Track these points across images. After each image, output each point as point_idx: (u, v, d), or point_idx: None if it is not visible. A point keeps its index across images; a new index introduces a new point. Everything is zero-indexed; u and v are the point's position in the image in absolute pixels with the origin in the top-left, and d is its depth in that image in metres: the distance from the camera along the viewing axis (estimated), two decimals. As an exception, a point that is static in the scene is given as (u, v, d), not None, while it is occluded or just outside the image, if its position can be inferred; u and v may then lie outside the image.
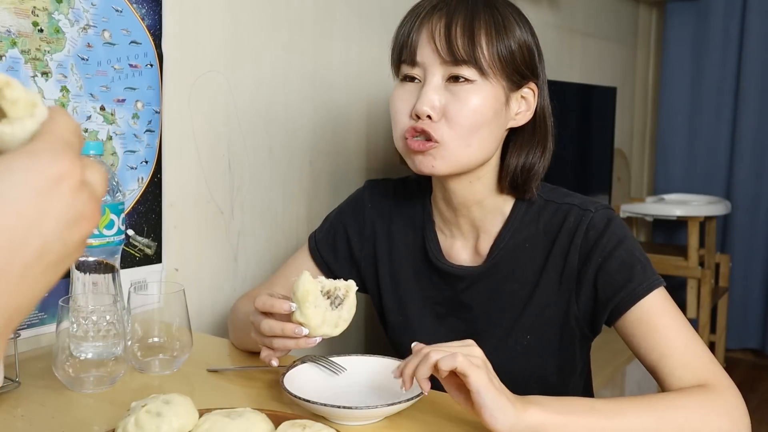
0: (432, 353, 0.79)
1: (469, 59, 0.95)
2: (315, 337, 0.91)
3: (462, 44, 0.95)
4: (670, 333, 0.94)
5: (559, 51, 2.78)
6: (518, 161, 1.04)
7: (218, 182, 1.43)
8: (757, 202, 3.44)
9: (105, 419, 0.88)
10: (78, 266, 1.06)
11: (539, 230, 1.05)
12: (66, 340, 0.94)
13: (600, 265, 0.99)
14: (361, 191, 1.23)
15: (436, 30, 0.96)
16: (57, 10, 1.12)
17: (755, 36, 3.38)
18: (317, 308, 0.89)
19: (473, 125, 0.96)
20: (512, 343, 1.06)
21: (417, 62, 0.98)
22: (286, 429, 0.76)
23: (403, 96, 1.00)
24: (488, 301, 1.08)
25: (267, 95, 1.52)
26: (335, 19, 1.67)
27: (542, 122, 1.05)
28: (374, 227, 1.18)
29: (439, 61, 0.96)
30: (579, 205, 1.04)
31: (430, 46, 0.97)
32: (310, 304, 0.89)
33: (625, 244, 1.00)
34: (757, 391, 3.24)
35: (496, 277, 1.07)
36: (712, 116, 3.55)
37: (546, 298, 1.04)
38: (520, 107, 1.02)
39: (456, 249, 1.11)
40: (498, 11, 0.98)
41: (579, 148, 2.68)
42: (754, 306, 3.49)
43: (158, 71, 1.29)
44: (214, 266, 1.44)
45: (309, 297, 0.89)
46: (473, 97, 0.96)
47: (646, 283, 0.96)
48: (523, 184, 1.05)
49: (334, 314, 0.90)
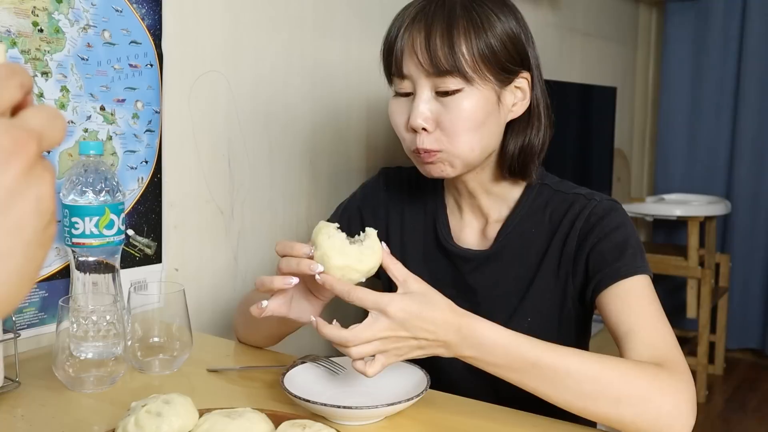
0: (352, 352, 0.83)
1: (452, 69, 0.96)
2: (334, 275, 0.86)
3: (443, 55, 0.96)
4: (642, 313, 0.95)
5: (559, 51, 2.78)
6: (516, 145, 1.05)
7: (218, 182, 1.43)
8: (757, 202, 3.44)
9: (105, 419, 0.88)
10: (78, 266, 1.06)
11: (546, 218, 1.08)
12: (66, 340, 0.94)
13: (594, 245, 1.02)
14: (377, 177, 1.26)
15: (417, 43, 0.97)
16: (57, 10, 1.12)
17: (755, 36, 3.38)
18: (331, 238, 0.87)
19: (468, 131, 0.98)
20: (514, 326, 1.06)
21: (405, 75, 1.00)
22: (286, 429, 0.76)
23: (398, 110, 1.03)
24: (492, 285, 1.10)
25: (267, 95, 1.52)
26: (335, 18, 1.67)
27: (537, 106, 1.06)
28: (387, 209, 1.21)
29: (425, 74, 0.98)
30: (585, 195, 1.07)
31: (413, 60, 0.98)
32: (324, 235, 0.87)
33: (622, 230, 1.02)
34: (757, 391, 3.24)
35: (501, 261, 1.09)
36: (712, 116, 3.55)
37: (545, 283, 1.07)
38: (515, 98, 1.03)
39: (465, 233, 1.14)
40: (475, 11, 0.98)
41: (579, 148, 2.68)
42: (754, 306, 3.49)
43: (158, 71, 1.29)
44: (214, 266, 1.44)
45: (323, 229, 0.88)
46: (463, 105, 0.97)
47: (633, 267, 0.98)
48: (521, 167, 1.06)
49: (353, 248, 0.86)
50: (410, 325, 0.82)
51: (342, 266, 0.86)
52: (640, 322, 0.94)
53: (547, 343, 0.87)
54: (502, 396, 0.98)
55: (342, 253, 0.86)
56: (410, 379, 0.95)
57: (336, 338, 0.83)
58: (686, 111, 3.61)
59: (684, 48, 3.59)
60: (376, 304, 0.83)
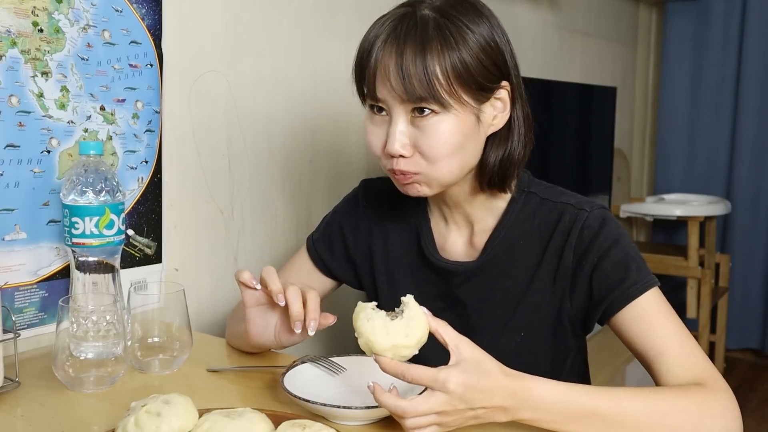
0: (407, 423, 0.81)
1: (427, 96, 0.91)
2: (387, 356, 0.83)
3: (417, 82, 0.90)
4: (666, 331, 0.95)
5: (559, 51, 2.78)
6: (496, 158, 1.02)
7: (218, 182, 1.43)
8: (757, 202, 3.44)
9: (105, 419, 0.88)
10: (78, 266, 1.06)
11: (534, 228, 1.06)
12: (66, 340, 0.94)
13: (596, 265, 1.00)
14: (356, 191, 1.23)
15: (390, 66, 0.92)
16: (57, 10, 1.12)
17: (755, 36, 3.38)
18: (370, 321, 0.83)
19: (446, 154, 0.95)
20: (506, 340, 1.06)
21: (378, 99, 0.96)
22: (286, 429, 0.76)
23: (373, 131, 0.99)
24: (482, 298, 1.08)
25: (267, 95, 1.52)
26: (335, 18, 1.67)
27: (518, 117, 1.02)
28: (369, 224, 1.19)
29: (399, 100, 0.93)
30: (574, 204, 1.04)
31: (385, 85, 0.93)
32: (363, 319, 0.83)
33: (620, 243, 1.00)
34: (757, 391, 3.24)
35: (490, 273, 1.07)
36: (712, 116, 3.54)
37: (539, 297, 1.05)
38: (495, 110, 0.99)
39: (451, 243, 1.11)
40: (448, 28, 0.92)
41: (579, 148, 2.68)
42: (754, 306, 3.49)
43: (158, 71, 1.29)
44: (214, 266, 1.44)
45: (360, 314, 0.84)
46: (441, 128, 0.93)
47: (641, 283, 0.97)
48: (500, 181, 1.03)
49: (396, 324, 0.83)
50: (468, 397, 0.80)
51: (390, 347, 0.83)
52: (668, 342, 0.94)
53: (599, 388, 0.86)
54: None
55: (387, 334, 0.82)
56: (410, 379, 0.95)
57: (392, 408, 0.80)
58: (686, 111, 3.61)
59: (684, 48, 3.59)
60: (434, 381, 0.80)
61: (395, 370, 0.82)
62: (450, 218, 1.11)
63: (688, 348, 0.94)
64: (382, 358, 0.82)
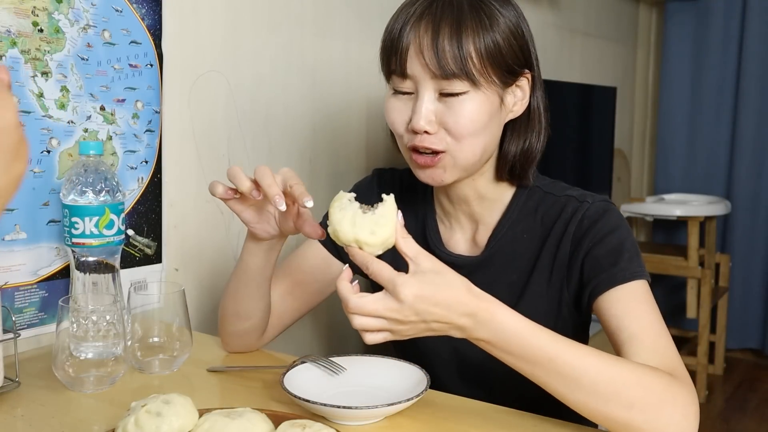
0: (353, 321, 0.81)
1: (459, 72, 0.93)
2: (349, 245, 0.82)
3: (452, 58, 0.93)
4: (644, 320, 0.93)
5: (559, 51, 2.78)
6: (517, 147, 1.04)
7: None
8: (757, 202, 3.44)
9: (105, 419, 0.88)
10: (78, 266, 1.06)
11: (537, 222, 1.06)
12: (66, 340, 0.94)
13: (589, 250, 1.00)
14: (370, 178, 1.24)
15: (424, 42, 0.94)
16: (57, 10, 1.12)
17: (755, 36, 3.38)
18: (343, 210, 0.82)
19: (472, 133, 0.96)
20: None
21: (408, 75, 0.96)
22: (286, 429, 0.76)
23: (397, 106, 0.99)
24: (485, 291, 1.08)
25: (267, 95, 1.52)
26: (335, 18, 1.67)
27: (537, 107, 1.05)
28: None
29: (430, 75, 0.94)
30: (577, 197, 1.05)
31: (419, 60, 0.94)
32: (336, 207, 0.83)
33: (617, 233, 1.00)
34: (757, 391, 3.24)
35: (493, 267, 1.08)
36: (712, 116, 3.55)
37: (539, 288, 1.05)
38: (515, 98, 1.01)
39: (455, 239, 1.12)
40: (483, 10, 0.95)
41: (579, 148, 2.68)
42: (754, 306, 3.49)
43: (158, 71, 1.29)
44: (214, 266, 1.44)
45: (335, 202, 0.83)
46: (468, 108, 0.95)
47: (630, 271, 0.96)
48: (521, 170, 1.05)
49: (366, 218, 0.81)
50: (421, 309, 0.79)
51: (353, 240, 0.81)
52: (643, 328, 0.91)
53: (567, 339, 0.84)
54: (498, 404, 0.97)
55: (353, 226, 0.81)
56: (410, 379, 0.95)
57: (342, 296, 0.80)
58: (686, 111, 3.61)
59: (684, 48, 3.59)
60: (389, 283, 0.79)
61: (362, 260, 0.82)
62: (454, 218, 1.11)
63: (664, 340, 0.91)
64: (351, 247, 0.82)
